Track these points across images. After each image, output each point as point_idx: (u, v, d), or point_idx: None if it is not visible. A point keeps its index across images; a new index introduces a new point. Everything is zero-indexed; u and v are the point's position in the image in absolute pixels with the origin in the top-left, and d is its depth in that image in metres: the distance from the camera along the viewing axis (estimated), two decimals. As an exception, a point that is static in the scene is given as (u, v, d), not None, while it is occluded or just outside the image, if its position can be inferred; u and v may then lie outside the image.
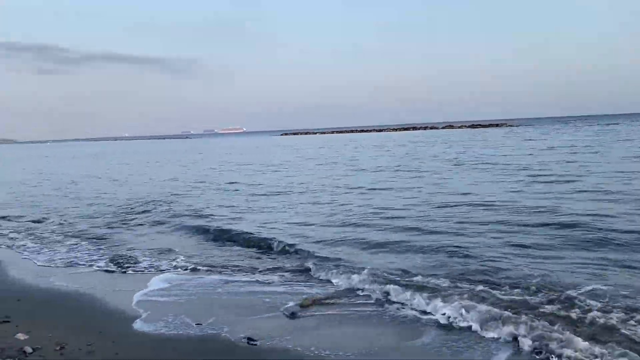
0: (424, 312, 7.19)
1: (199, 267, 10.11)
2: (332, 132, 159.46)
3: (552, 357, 5.67)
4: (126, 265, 10.45)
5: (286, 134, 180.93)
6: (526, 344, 5.98)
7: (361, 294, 8.07)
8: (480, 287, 7.74)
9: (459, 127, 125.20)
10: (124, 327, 7.07)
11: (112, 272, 10.14)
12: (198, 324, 7.06)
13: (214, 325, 7.03)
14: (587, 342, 5.75)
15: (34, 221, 16.54)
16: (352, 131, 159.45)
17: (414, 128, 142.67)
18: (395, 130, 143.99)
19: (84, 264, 10.83)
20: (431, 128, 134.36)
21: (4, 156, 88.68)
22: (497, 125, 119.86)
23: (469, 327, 6.60)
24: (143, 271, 10.07)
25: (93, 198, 21.95)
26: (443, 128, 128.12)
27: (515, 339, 6.15)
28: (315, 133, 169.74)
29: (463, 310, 6.91)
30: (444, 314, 6.98)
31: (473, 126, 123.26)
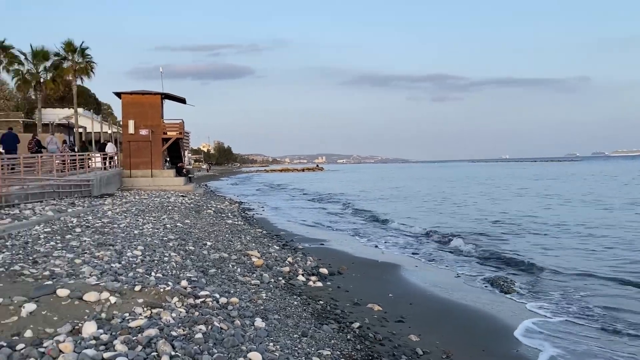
0: None
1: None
2: None
3: None
4: (512, 289, 10.26)
5: None
6: None
7: None
8: None
9: None
10: (505, 351, 6.99)
11: (498, 292, 10.16)
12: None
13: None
14: None
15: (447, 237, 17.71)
16: None
17: None
18: None
19: (474, 279, 11.32)
20: None
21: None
22: None
23: None
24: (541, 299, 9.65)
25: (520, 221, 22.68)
26: None
27: None
28: None
29: None
30: None
31: None
